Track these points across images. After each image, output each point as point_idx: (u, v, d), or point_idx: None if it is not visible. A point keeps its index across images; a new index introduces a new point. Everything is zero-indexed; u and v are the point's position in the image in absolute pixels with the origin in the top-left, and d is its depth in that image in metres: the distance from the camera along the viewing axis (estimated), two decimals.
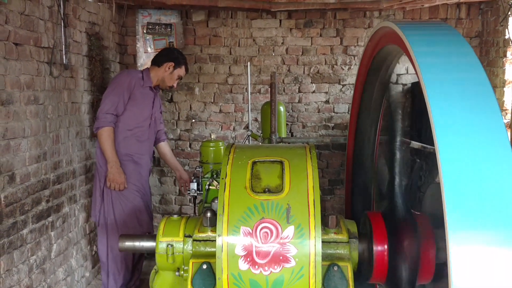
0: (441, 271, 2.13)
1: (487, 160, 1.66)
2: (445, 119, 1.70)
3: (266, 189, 2.25)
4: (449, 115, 1.72)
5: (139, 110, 3.96)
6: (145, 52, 5.32)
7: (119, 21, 5.26)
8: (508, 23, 4.64)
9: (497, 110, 1.73)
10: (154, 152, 4.39)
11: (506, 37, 4.70)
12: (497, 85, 4.94)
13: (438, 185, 1.67)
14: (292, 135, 5.50)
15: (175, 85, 4.17)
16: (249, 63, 4.49)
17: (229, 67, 5.45)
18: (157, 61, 4.13)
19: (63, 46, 3.82)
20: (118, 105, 3.86)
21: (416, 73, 1.88)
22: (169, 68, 4.07)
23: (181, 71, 4.14)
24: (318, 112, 5.51)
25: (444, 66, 1.87)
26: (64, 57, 3.85)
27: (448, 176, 1.61)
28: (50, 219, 3.67)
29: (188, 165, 5.58)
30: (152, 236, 2.60)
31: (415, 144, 3.76)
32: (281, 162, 2.38)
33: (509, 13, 4.41)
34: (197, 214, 3.90)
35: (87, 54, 4.41)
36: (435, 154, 1.64)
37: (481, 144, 1.68)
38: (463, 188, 1.61)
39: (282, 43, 5.41)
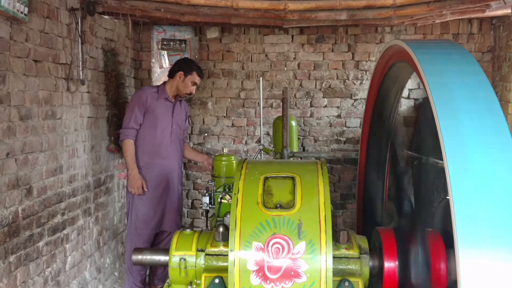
0: None
1: (496, 177, 1.68)
2: (454, 137, 1.73)
3: (278, 205, 2.27)
4: (458, 134, 1.74)
5: (157, 120, 4.29)
6: (160, 68, 5.43)
7: (135, 37, 5.38)
8: None
9: (506, 128, 1.75)
10: None
11: None
12: (509, 100, 4.93)
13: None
14: (304, 149, 5.52)
15: (193, 91, 4.45)
16: (261, 78, 4.55)
17: (242, 82, 5.52)
18: (170, 73, 4.45)
19: (80, 62, 3.92)
20: (136, 119, 4.23)
21: (426, 92, 1.91)
22: (180, 77, 4.35)
23: (193, 77, 4.38)
24: (330, 126, 5.53)
25: (453, 85, 1.90)
26: (81, 72, 3.95)
27: (458, 195, 1.63)
28: (65, 231, 3.73)
29: (201, 178, 5.63)
30: (165, 250, 2.64)
31: (434, 161, 3.77)
32: (293, 178, 2.40)
33: None
34: (209, 227, 3.93)
35: (103, 69, 4.51)
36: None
37: (490, 161, 1.70)
38: (473, 206, 1.63)
39: (294, 58, 5.47)
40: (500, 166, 1.71)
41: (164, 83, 4.46)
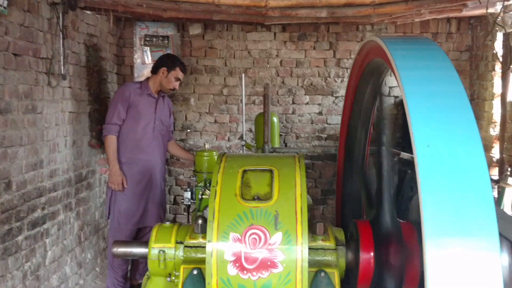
0: None
1: (462, 169, 1.74)
2: (424, 130, 1.79)
3: (256, 197, 2.31)
4: (428, 127, 1.80)
5: (139, 115, 4.32)
6: (143, 63, 5.43)
7: (117, 33, 5.36)
8: (496, 38, 4.75)
9: (474, 122, 1.81)
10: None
11: (494, 51, 4.81)
12: (486, 98, 5.05)
13: None
14: (286, 146, 5.58)
15: (176, 87, 4.48)
16: (243, 74, 4.59)
17: (224, 79, 5.55)
18: (153, 69, 4.46)
19: (62, 57, 3.91)
20: (119, 115, 4.25)
21: (399, 86, 1.97)
22: (163, 73, 4.38)
23: (176, 73, 4.41)
24: (312, 123, 5.60)
25: (424, 79, 1.96)
26: (62, 67, 3.93)
27: (426, 185, 1.69)
28: (45, 226, 3.72)
29: (183, 174, 5.65)
30: (144, 243, 2.66)
31: (405, 155, 3.85)
32: (271, 171, 2.44)
33: (497, 28, 4.53)
34: (190, 222, 3.96)
35: (85, 65, 4.50)
36: None
37: (458, 154, 1.76)
38: (440, 197, 1.69)
39: (277, 55, 5.51)
40: (467, 158, 1.78)
41: (147, 79, 4.48)
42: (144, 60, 5.41)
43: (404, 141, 3.58)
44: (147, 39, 5.36)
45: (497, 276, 1.66)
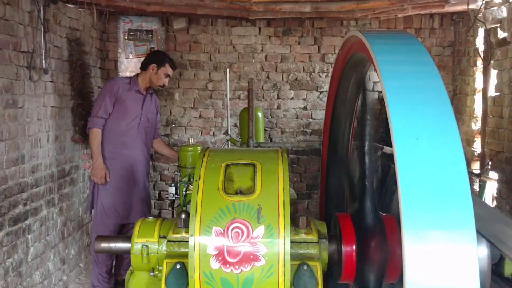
0: None
1: (441, 162, 1.76)
2: (403, 124, 1.81)
3: (238, 191, 2.32)
4: (407, 120, 1.82)
5: (126, 111, 4.32)
6: (126, 58, 5.38)
7: (101, 27, 5.31)
8: (478, 34, 4.81)
9: (452, 115, 1.84)
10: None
11: (476, 47, 4.87)
12: (468, 93, 5.11)
13: None
14: (271, 141, 5.59)
15: (165, 83, 4.50)
16: (228, 69, 4.59)
17: (209, 73, 5.54)
18: (143, 65, 4.47)
19: (43, 51, 3.86)
20: (105, 108, 4.24)
21: (379, 80, 1.98)
22: (153, 70, 4.39)
23: (165, 69, 4.42)
24: (297, 118, 5.61)
25: (404, 74, 1.98)
26: (44, 61, 3.88)
27: (404, 177, 1.71)
28: (27, 222, 3.68)
29: (168, 169, 5.63)
30: (127, 238, 2.65)
31: (388, 149, 3.88)
32: (254, 165, 2.45)
33: (478, 24, 4.58)
34: (175, 217, 3.95)
35: (68, 59, 4.45)
36: None
37: (436, 147, 1.79)
38: (418, 190, 1.72)
39: (261, 50, 5.51)
40: (445, 151, 1.80)
41: (137, 75, 4.48)
42: (128, 54, 5.37)
43: (387, 136, 3.61)
44: (131, 33, 5.32)
45: (474, 267, 1.70)
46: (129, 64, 5.36)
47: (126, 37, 5.33)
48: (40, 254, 3.92)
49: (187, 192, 3.54)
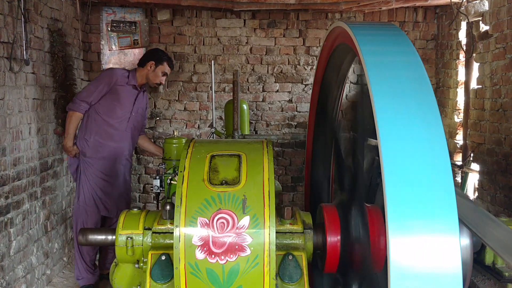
0: None
1: (424, 152, 1.78)
2: (387, 114, 1.82)
3: (224, 182, 2.32)
4: (391, 110, 1.84)
5: (119, 103, 4.31)
6: (109, 50, 5.32)
7: (83, 18, 5.23)
8: (460, 27, 4.87)
9: (435, 105, 1.86)
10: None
11: (458, 40, 4.92)
12: (451, 86, 5.17)
13: None
14: (256, 133, 5.59)
15: (162, 81, 4.50)
16: (213, 61, 4.56)
17: (194, 66, 5.50)
18: (141, 62, 4.47)
19: (24, 41, 3.79)
20: (93, 95, 4.21)
21: (363, 70, 1.99)
22: (151, 67, 4.38)
23: (163, 67, 4.42)
24: (282, 111, 5.62)
25: (388, 64, 2.00)
26: (24, 52, 3.81)
27: (388, 168, 1.73)
28: (9, 215, 3.63)
29: (152, 163, 5.60)
30: (112, 230, 2.63)
31: (373, 141, 3.91)
32: (239, 156, 2.45)
33: (461, 18, 4.63)
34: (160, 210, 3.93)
35: (49, 50, 4.37)
36: None
37: (420, 138, 1.81)
38: (402, 180, 1.74)
39: (246, 42, 5.50)
40: (429, 142, 1.82)
41: (135, 70, 4.47)
42: (111, 46, 5.30)
43: (373, 128, 3.64)
44: (114, 25, 5.25)
45: (457, 256, 1.72)
46: (112, 56, 5.30)
47: (109, 29, 5.26)
48: (23, 248, 3.87)
49: (172, 182, 3.52)
